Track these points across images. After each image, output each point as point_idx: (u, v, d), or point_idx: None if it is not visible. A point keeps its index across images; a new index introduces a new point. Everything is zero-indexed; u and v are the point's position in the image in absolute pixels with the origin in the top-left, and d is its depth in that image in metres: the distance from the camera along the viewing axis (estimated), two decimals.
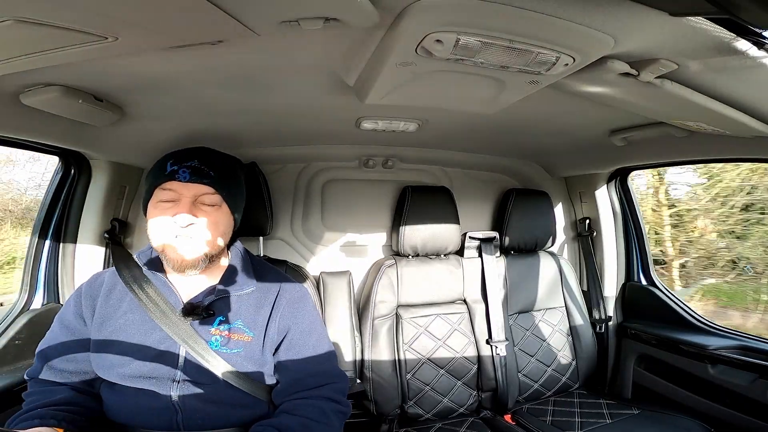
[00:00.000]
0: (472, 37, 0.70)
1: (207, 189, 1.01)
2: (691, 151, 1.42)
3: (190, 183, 0.99)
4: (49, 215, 1.40)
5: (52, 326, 1.07)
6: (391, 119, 1.37)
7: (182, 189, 0.99)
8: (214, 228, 1.02)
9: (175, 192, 0.99)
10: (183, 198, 0.99)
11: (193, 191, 1.00)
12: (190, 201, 0.99)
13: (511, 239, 1.89)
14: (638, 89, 0.92)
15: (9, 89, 0.90)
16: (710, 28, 0.67)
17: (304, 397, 1.03)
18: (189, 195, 0.99)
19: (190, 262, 0.99)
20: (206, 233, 1.01)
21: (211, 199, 1.02)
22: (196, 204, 1.00)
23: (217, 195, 1.02)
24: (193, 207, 0.99)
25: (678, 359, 1.64)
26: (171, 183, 0.99)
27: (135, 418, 0.98)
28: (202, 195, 1.01)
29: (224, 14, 0.60)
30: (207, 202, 1.02)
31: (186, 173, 0.99)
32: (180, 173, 0.99)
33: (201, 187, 1.00)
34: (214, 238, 1.02)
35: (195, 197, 1.00)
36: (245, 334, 1.04)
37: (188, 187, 0.99)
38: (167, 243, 0.99)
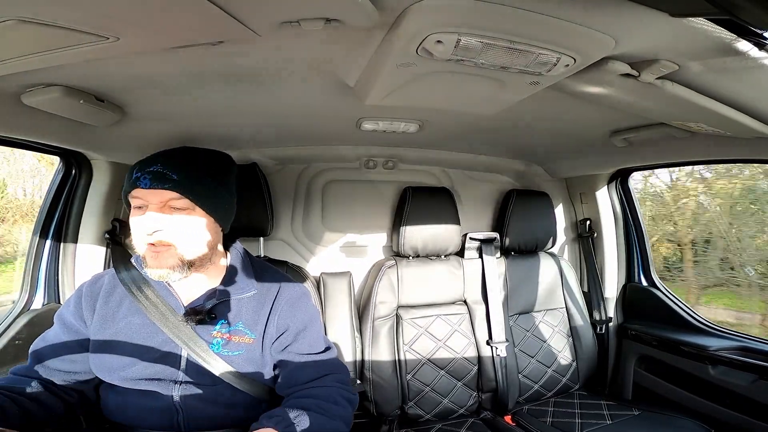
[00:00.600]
0: (473, 37, 0.70)
1: (171, 194, 0.94)
2: (691, 152, 1.42)
3: (152, 189, 0.93)
4: (50, 215, 1.40)
5: (53, 327, 1.06)
6: (391, 120, 1.37)
7: (147, 196, 0.94)
8: (185, 233, 0.97)
9: (141, 199, 0.95)
10: (149, 205, 0.95)
11: (158, 197, 0.94)
12: (156, 207, 0.94)
13: (511, 240, 1.89)
14: (639, 90, 0.92)
15: (10, 89, 0.90)
16: (711, 28, 0.67)
17: (311, 387, 1.02)
18: (155, 201, 0.94)
19: (164, 270, 0.95)
20: (179, 239, 0.96)
21: (179, 203, 0.95)
22: (166, 209, 0.95)
23: (183, 199, 0.95)
24: (161, 214, 0.94)
25: (678, 360, 1.64)
26: (136, 191, 0.95)
27: (136, 418, 0.98)
28: (169, 200, 0.95)
29: (225, 15, 0.60)
30: (176, 206, 0.95)
31: (146, 179, 0.93)
32: (141, 180, 0.93)
33: (165, 193, 0.94)
34: (190, 242, 0.97)
35: (162, 203, 0.94)
36: (246, 336, 1.04)
37: (152, 193, 0.94)
38: (143, 252, 0.96)
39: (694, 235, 3.79)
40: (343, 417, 0.98)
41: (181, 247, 0.96)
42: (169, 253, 0.95)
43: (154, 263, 0.95)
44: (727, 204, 3.52)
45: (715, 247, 3.69)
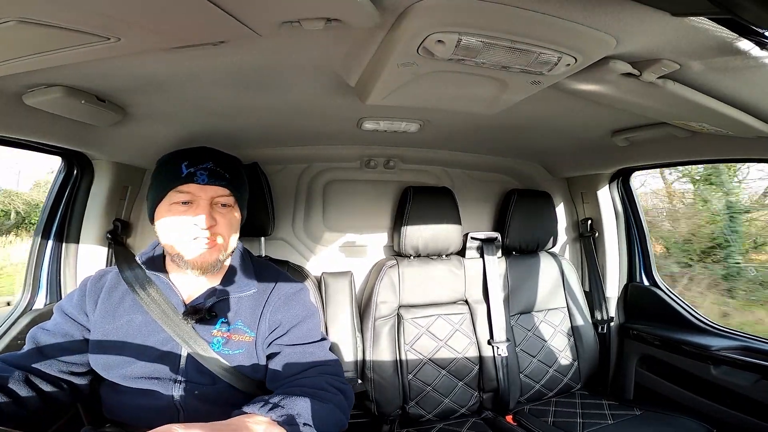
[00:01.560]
0: (474, 37, 0.70)
1: (223, 191, 1.01)
2: (693, 151, 1.42)
3: (208, 185, 1.00)
4: (51, 215, 1.40)
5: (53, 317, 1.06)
6: (392, 120, 1.37)
7: (199, 191, 0.99)
8: (229, 229, 1.03)
9: (191, 194, 0.99)
10: (200, 200, 0.99)
11: (211, 193, 1.00)
12: (208, 203, 0.99)
13: (512, 240, 1.89)
14: (640, 89, 0.92)
15: (12, 89, 0.90)
16: (712, 28, 0.66)
17: (297, 378, 0.98)
18: (206, 197, 0.99)
19: (210, 264, 1.00)
20: (224, 234, 1.02)
21: (226, 200, 1.03)
22: (214, 206, 1.01)
23: (231, 197, 1.03)
24: (212, 210, 1.00)
25: (680, 360, 1.64)
26: (188, 186, 0.99)
27: (136, 417, 0.98)
28: (218, 197, 1.01)
29: (226, 15, 0.60)
30: (222, 203, 1.02)
31: (204, 176, 0.99)
32: (198, 175, 0.99)
33: (218, 189, 1.01)
34: (229, 238, 1.04)
35: (212, 199, 1.00)
36: (246, 335, 1.04)
37: (206, 189, 0.99)
38: (184, 245, 0.99)
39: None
40: (335, 403, 0.92)
41: (224, 242, 1.02)
42: (215, 248, 1.00)
43: (195, 256, 0.99)
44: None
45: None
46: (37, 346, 1.00)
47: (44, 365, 0.99)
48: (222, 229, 1.01)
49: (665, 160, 1.63)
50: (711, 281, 4.05)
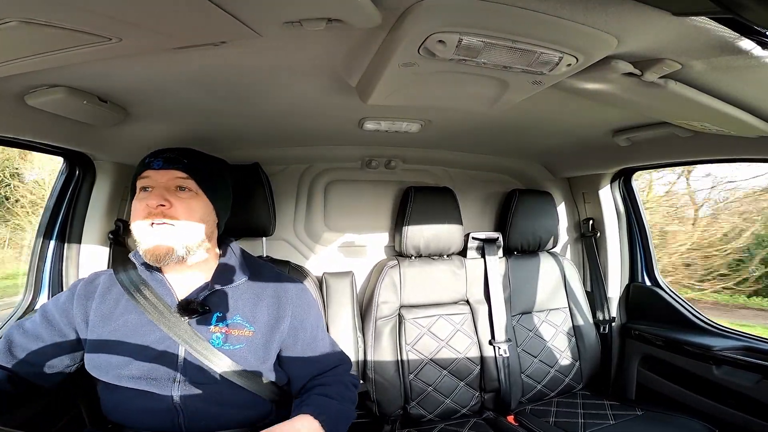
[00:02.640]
0: (475, 37, 0.70)
1: (180, 174, 1.01)
2: (695, 151, 1.41)
3: (163, 170, 1.00)
4: (54, 216, 1.40)
5: (34, 316, 1.06)
6: (393, 120, 1.37)
7: (156, 176, 1.00)
8: (187, 212, 1.01)
9: (150, 179, 1.00)
10: (157, 183, 1.00)
11: (167, 176, 1.00)
12: (163, 185, 1.00)
13: (514, 240, 1.89)
14: (642, 89, 0.92)
15: (14, 90, 0.90)
16: (714, 27, 0.66)
17: (326, 376, 1.12)
18: (163, 180, 1.00)
19: (164, 250, 0.97)
20: (181, 219, 0.99)
21: (185, 183, 1.02)
22: (171, 190, 1.00)
23: (190, 180, 1.02)
24: (168, 192, 0.99)
25: (682, 360, 1.63)
26: (147, 171, 1.01)
27: (135, 419, 0.98)
28: (176, 180, 1.01)
29: (227, 15, 0.60)
30: (182, 186, 1.01)
31: (159, 161, 1.01)
32: (155, 162, 1.01)
33: (173, 172, 1.01)
34: (189, 225, 1.01)
35: (169, 182, 1.00)
36: (245, 329, 1.04)
37: (162, 173, 1.00)
38: (144, 232, 0.98)
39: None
40: (352, 400, 1.12)
41: (182, 227, 0.99)
42: (170, 232, 0.98)
43: (151, 242, 0.97)
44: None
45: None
46: (8, 345, 1.00)
47: (11, 364, 0.98)
48: (178, 212, 0.99)
49: (667, 160, 1.63)
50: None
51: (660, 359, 1.74)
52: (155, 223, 0.97)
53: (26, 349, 1.00)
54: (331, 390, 1.07)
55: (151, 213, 0.97)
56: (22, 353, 1.00)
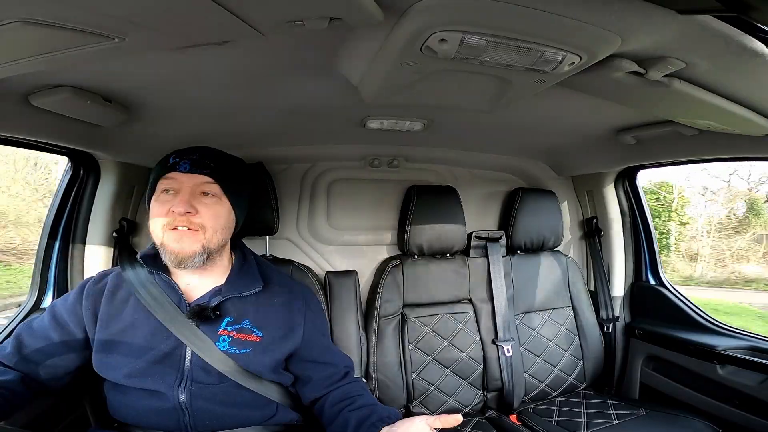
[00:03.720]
0: (477, 36, 0.70)
1: (206, 179, 1.01)
2: (700, 150, 1.40)
3: (190, 173, 1.00)
4: (59, 215, 1.41)
5: (42, 315, 1.07)
6: (396, 118, 1.37)
7: (182, 178, 1.00)
8: (213, 220, 1.01)
9: (175, 181, 1.00)
10: (183, 187, 0.99)
11: (194, 181, 1.00)
12: (189, 190, 0.99)
13: (517, 239, 1.88)
14: (646, 88, 0.91)
15: (19, 90, 0.91)
16: (719, 26, 0.66)
17: (346, 384, 1.14)
18: (189, 184, 1.00)
19: (187, 254, 0.98)
20: (205, 224, 1.00)
21: (210, 188, 1.02)
22: (197, 195, 1.00)
23: (216, 185, 1.02)
24: (193, 198, 0.99)
25: (686, 359, 1.63)
26: (172, 173, 1.00)
27: (141, 418, 0.98)
28: (202, 184, 1.01)
29: (230, 14, 0.60)
30: (207, 191, 1.02)
31: (186, 164, 1.00)
32: (181, 164, 1.00)
33: (200, 177, 1.01)
34: (213, 230, 1.01)
35: (195, 187, 1.00)
36: (253, 334, 1.04)
37: (188, 177, 1.00)
38: (166, 234, 0.98)
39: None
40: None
41: (207, 232, 1.00)
42: (194, 238, 0.99)
43: (175, 246, 0.98)
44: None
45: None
46: (17, 345, 1.01)
47: (22, 365, 0.99)
48: (205, 219, 1.00)
49: (672, 159, 1.62)
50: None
51: (664, 359, 1.73)
52: (179, 228, 0.98)
53: (36, 350, 1.01)
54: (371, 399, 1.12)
55: (175, 219, 0.97)
56: (32, 354, 1.00)
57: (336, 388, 1.12)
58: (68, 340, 1.03)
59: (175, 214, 0.97)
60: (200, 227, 0.99)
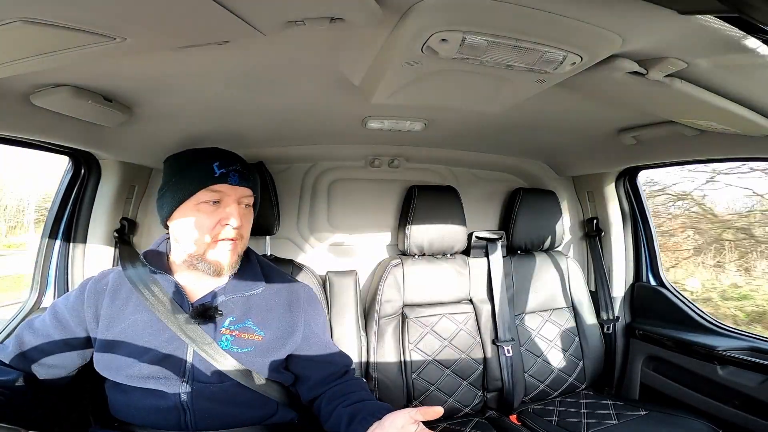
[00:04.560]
0: (478, 36, 0.70)
1: (249, 192, 1.07)
2: (701, 150, 1.40)
3: (239, 186, 1.04)
4: (59, 214, 1.41)
5: (44, 314, 1.07)
6: (397, 119, 1.37)
7: (230, 191, 1.03)
8: (248, 229, 1.09)
9: (221, 193, 1.03)
10: (229, 200, 1.03)
11: (239, 194, 1.05)
12: (234, 203, 1.03)
13: (518, 239, 1.88)
14: (647, 88, 0.91)
15: (20, 90, 0.91)
16: (720, 26, 0.66)
17: (344, 381, 1.13)
18: (235, 197, 1.04)
19: (232, 264, 1.05)
20: (246, 235, 1.08)
21: (249, 201, 1.08)
22: (241, 208, 1.06)
23: (253, 198, 1.09)
24: (238, 211, 1.04)
25: (687, 360, 1.63)
26: (221, 185, 1.02)
27: (143, 418, 0.98)
28: (243, 197, 1.06)
29: (230, 14, 0.60)
30: (246, 204, 1.08)
31: (236, 177, 1.03)
32: (231, 176, 1.03)
33: (245, 190, 1.06)
34: (246, 238, 1.09)
35: (239, 199, 1.05)
36: (255, 334, 1.05)
37: (236, 190, 1.04)
38: (212, 245, 1.02)
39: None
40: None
41: (244, 241, 1.08)
42: (235, 249, 1.05)
43: (222, 257, 1.03)
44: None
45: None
46: (19, 345, 1.01)
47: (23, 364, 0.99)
48: (245, 230, 1.07)
49: (673, 159, 1.62)
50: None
51: (664, 359, 1.73)
52: (224, 239, 1.02)
53: (37, 349, 1.01)
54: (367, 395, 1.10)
55: (226, 231, 1.02)
56: (34, 353, 1.01)
57: (334, 386, 1.13)
58: (70, 339, 1.03)
59: (229, 227, 1.01)
60: (241, 237, 1.05)
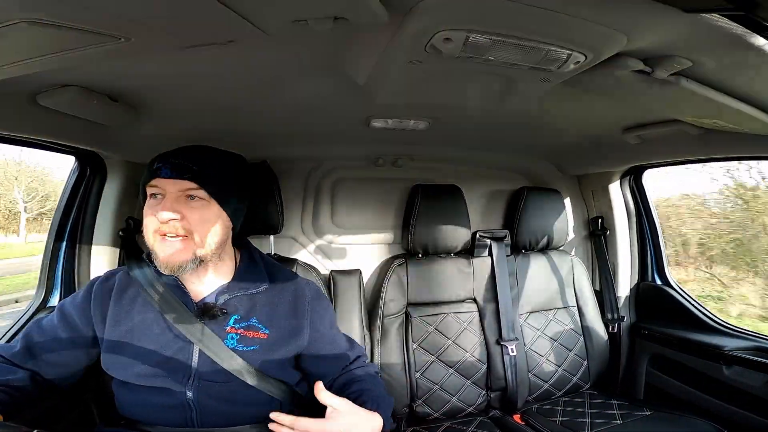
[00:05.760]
0: (482, 35, 0.70)
1: (189, 184, 0.97)
2: (707, 149, 1.39)
3: (172, 179, 0.96)
4: (65, 214, 1.42)
5: (51, 314, 1.07)
6: (401, 118, 1.37)
7: (165, 185, 0.96)
8: (201, 224, 0.98)
9: (159, 188, 0.97)
10: (167, 194, 0.97)
11: (177, 187, 0.96)
12: (173, 197, 0.96)
13: (522, 238, 1.88)
14: (652, 86, 0.91)
15: (26, 90, 0.91)
16: (725, 24, 0.65)
17: (352, 369, 1.17)
18: (173, 191, 0.96)
19: (177, 262, 0.96)
20: (193, 229, 0.97)
21: (195, 193, 0.98)
22: (182, 200, 0.97)
23: (201, 190, 0.98)
24: (177, 203, 0.96)
25: (692, 360, 1.62)
26: (156, 180, 0.97)
27: (149, 415, 0.99)
28: (186, 190, 0.97)
29: (234, 14, 0.60)
30: (193, 195, 0.98)
31: (167, 169, 0.96)
32: (162, 170, 0.96)
33: (183, 183, 0.97)
34: (203, 235, 0.99)
35: (180, 193, 0.97)
36: (261, 332, 1.05)
37: (171, 183, 0.96)
38: (156, 242, 0.97)
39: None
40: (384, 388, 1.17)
41: (194, 238, 0.97)
42: (184, 245, 0.97)
43: (164, 254, 0.96)
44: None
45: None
46: (27, 345, 1.01)
47: (31, 364, 1.00)
48: (192, 224, 0.97)
49: (678, 158, 1.61)
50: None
51: (670, 359, 1.72)
52: (168, 236, 0.96)
53: (45, 349, 1.02)
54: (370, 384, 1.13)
55: (162, 226, 0.95)
56: (42, 353, 1.01)
57: (342, 374, 1.15)
58: (77, 339, 1.03)
59: (158, 222, 0.95)
60: (189, 233, 0.97)
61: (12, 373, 0.97)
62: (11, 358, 0.99)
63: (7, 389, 0.93)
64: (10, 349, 1.01)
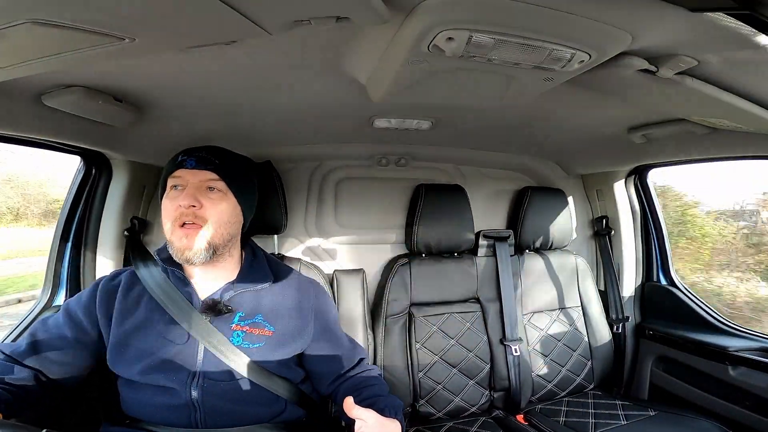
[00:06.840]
0: (485, 34, 0.69)
1: (211, 175, 1.04)
2: (712, 148, 1.38)
3: (196, 170, 1.03)
4: (71, 214, 1.44)
5: (57, 313, 1.08)
6: (404, 117, 1.37)
7: (188, 175, 1.03)
8: (217, 214, 1.04)
9: (181, 178, 1.03)
10: (189, 183, 1.03)
11: (199, 177, 1.03)
12: (195, 186, 1.03)
13: (526, 238, 1.87)
14: (657, 86, 0.90)
15: (31, 91, 0.92)
16: (731, 23, 0.65)
17: (357, 373, 1.18)
18: (195, 180, 1.03)
19: (193, 250, 1.01)
20: (209, 218, 1.03)
21: (216, 184, 1.05)
22: (202, 190, 1.03)
23: (221, 182, 1.05)
24: (199, 193, 1.02)
25: (697, 360, 1.61)
26: (180, 171, 1.03)
27: (154, 415, 1.00)
28: (207, 181, 1.04)
29: (237, 14, 0.60)
30: (212, 187, 1.05)
31: (192, 161, 1.04)
32: (187, 161, 1.04)
33: (205, 173, 1.04)
34: (218, 225, 1.04)
35: (201, 183, 1.03)
36: (266, 329, 1.06)
37: (194, 173, 1.03)
38: (174, 230, 1.01)
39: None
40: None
41: (211, 227, 1.03)
42: (199, 234, 1.01)
43: (183, 243, 1.01)
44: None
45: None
46: (32, 343, 1.02)
47: (36, 363, 1.00)
48: (209, 212, 1.03)
49: (684, 158, 1.60)
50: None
51: (675, 359, 1.71)
52: (186, 224, 1.00)
53: (51, 348, 1.02)
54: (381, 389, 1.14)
55: (182, 213, 1.00)
56: (47, 351, 1.02)
57: (347, 379, 1.15)
58: (82, 337, 1.04)
59: (182, 208, 1.00)
60: (205, 222, 1.02)
61: (16, 371, 0.97)
62: (16, 356, 1.00)
63: (10, 387, 0.93)
64: (14, 348, 1.01)
